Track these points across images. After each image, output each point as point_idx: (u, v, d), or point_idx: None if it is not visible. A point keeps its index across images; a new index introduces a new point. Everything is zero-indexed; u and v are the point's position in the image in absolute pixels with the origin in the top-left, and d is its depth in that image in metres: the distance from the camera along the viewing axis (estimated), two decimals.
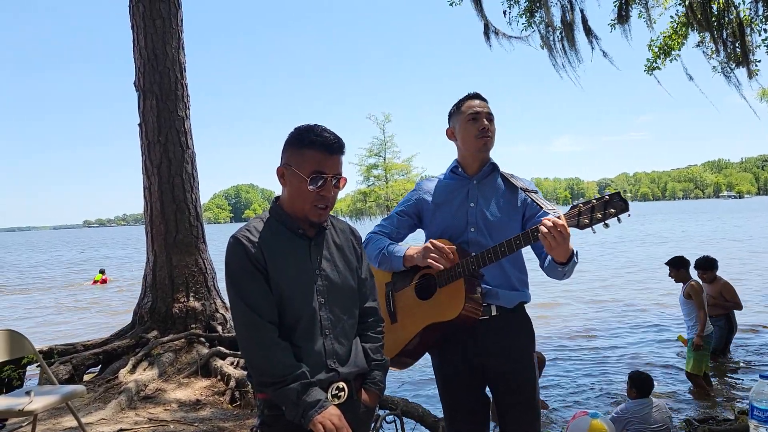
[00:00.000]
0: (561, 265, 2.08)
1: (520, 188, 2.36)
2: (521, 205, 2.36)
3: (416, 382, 6.47)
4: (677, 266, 5.91)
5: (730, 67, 8.06)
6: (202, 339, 5.96)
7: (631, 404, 4.21)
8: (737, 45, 7.74)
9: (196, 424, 4.43)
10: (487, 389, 2.42)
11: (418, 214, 2.50)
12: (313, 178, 1.75)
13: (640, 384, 4.23)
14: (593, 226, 1.93)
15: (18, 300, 16.66)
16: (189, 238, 6.36)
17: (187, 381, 5.38)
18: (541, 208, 2.21)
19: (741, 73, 7.94)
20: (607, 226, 1.92)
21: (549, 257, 2.16)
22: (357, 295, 1.96)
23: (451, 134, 2.46)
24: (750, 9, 7.53)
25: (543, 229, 1.94)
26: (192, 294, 6.26)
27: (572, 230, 1.98)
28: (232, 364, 5.61)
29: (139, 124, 6.41)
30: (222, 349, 5.78)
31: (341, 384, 1.82)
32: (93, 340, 6.29)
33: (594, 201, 1.93)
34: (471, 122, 2.35)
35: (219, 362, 5.55)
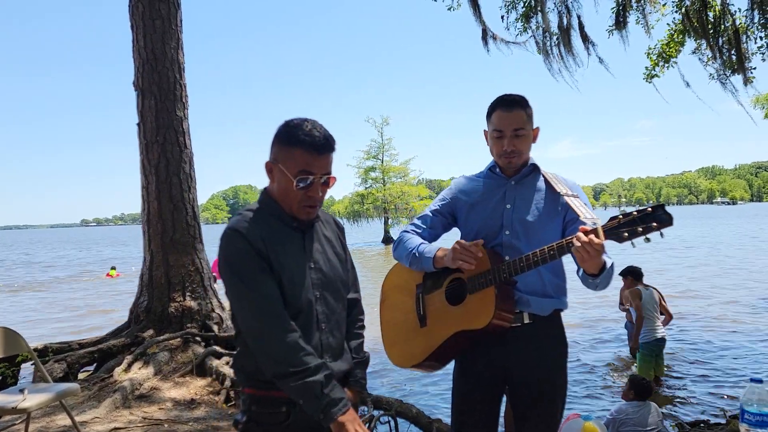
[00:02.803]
0: (592, 276, 2.00)
1: (561, 193, 2.22)
2: (562, 208, 2.24)
3: (409, 382, 6.49)
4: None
5: (726, 74, 8.10)
6: (198, 338, 5.97)
7: (626, 406, 4.24)
8: (733, 52, 7.79)
9: (190, 424, 4.44)
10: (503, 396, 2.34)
11: (453, 214, 2.41)
12: (301, 178, 1.70)
13: (641, 387, 4.26)
14: (633, 240, 1.81)
15: (29, 296, 16.73)
16: (186, 238, 6.36)
17: (182, 380, 5.38)
18: (578, 215, 2.07)
19: (737, 80, 7.99)
20: (648, 240, 1.79)
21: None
22: (347, 287, 1.95)
23: (486, 136, 2.35)
24: (746, 16, 7.58)
25: (576, 243, 1.85)
26: (188, 293, 6.26)
27: (610, 243, 1.87)
28: (227, 363, 5.61)
29: (138, 124, 6.42)
30: (218, 348, 5.79)
31: None
32: (88, 339, 6.29)
33: (635, 213, 1.81)
34: (496, 140, 2.25)
35: (214, 362, 5.55)
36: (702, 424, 4.74)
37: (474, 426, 2.24)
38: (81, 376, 5.76)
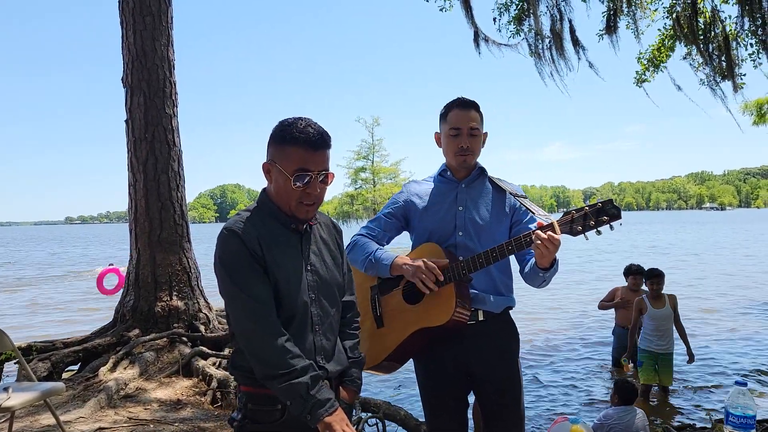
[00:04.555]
0: (543, 270, 2.08)
1: (509, 193, 2.34)
2: (509, 209, 2.36)
3: (398, 384, 6.47)
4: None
5: (716, 80, 8.17)
6: (185, 339, 5.92)
7: (613, 411, 4.24)
8: (723, 59, 7.86)
9: (176, 424, 4.40)
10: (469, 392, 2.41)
11: (406, 217, 2.47)
12: (298, 176, 1.70)
13: (625, 392, 4.26)
14: (586, 233, 1.93)
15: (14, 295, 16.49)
16: (173, 237, 6.31)
17: (168, 381, 5.34)
18: (531, 213, 2.21)
19: (726, 86, 8.07)
20: (599, 233, 1.91)
21: (531, 263, 2.17)
22: (342, 290, 1.96)
23: (438, 140, 2.43)
24: (736, 23, 7.64)
25: (536, 239, 1.94)
26: (175, 293, 6.22)
27: (564, 237, 1.98)
28: (214, 364, 5.58)
29: (126, 121, 6.37)
30: (204, 349, 5.75)
31: (324, 382, 1.81)
32: (73, 338, 6.22)
33: (587, 208, 1.93)
34: (452, 138, 2.32)
35: (201, 362, 5.51)
36: (688, 428, 4.76)
37: (448, 421, 2.33)
38: (65, 375, 5.70)
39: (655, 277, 5.70)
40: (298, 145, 1.68)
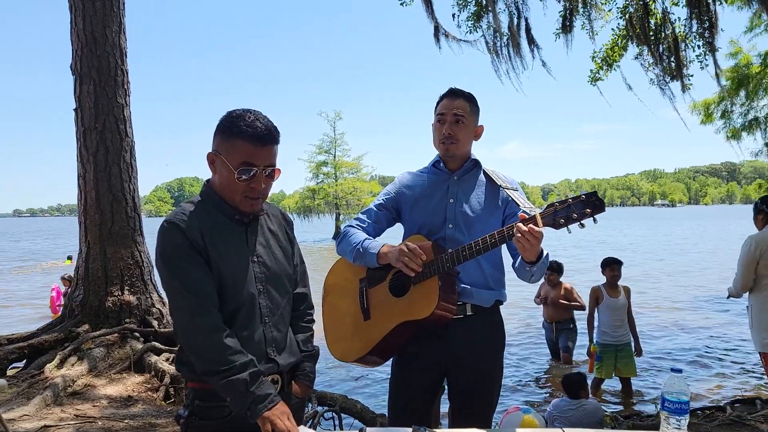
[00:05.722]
0: (530, 264, 2.05)
1: (502, 186, 2.31)
2: (502, 203, 2.32)
3: (354, 377, 6.49)
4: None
5: (665, 80, 8.42)
6: (137, 334, 5.77)
7: (563, 402, 4.34)
8: (672, 59, 8.10)
9: (126, 421, 4.29)
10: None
11: (397, 208, 2.44)
12: (243, 169, 1.67)
13: (571, 385, 4.36)
14: (569, 226, 1.88)
15: None
16: (125, 230, 6.14)
17: (119, 377, 5.20)
18: (517, 204, 2.18)
19: (675, 86, 8.32)
20: (582, 226, 1.87)
21: (520, 258, 2.13)
22: (292, 282, 1.93)
23: (433, 131, 2.39)
24: (685, 25, 7.88)
25: (516, 232, 1.90)
26: (127, 287, 6.05)
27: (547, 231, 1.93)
28: (167, 360, 5.46)
29: (75, 110, 6.15)
30: (157, 344, 5.62)
31: (275, 377, 1.79)
32: (18, 334, 5.99)
33: (570, 200, 1.88)
34: (438, 125, 2.31)
35: (153, 358, 5.40)
36: (635, 416, 4.91)
37: (410, 417, 2.26)
38: (9, 372, 5.48)
39: (614, 263, 5.76)
40: (245, 139, 1.65)
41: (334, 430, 4.33)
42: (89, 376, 5.11)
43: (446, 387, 2.39)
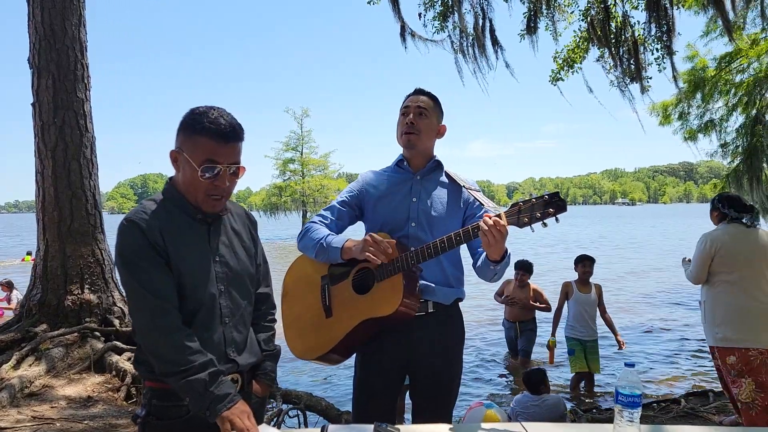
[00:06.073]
0: (494, 263, 2.08)
1: (463, 186, 2.35)
2: (463, 203, 2.36)
3: (316, 375, 6.49)
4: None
5: (625, 82, 8.63)
6: (97, 333, 5.65)
7: (526, 397, 4.43)
8: (632, 62, 8.31)
9: (86, 422, 4.21)
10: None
11: (360, 206, 2.45)
12: (206, 167, 1.65)
13: (530, 382, 4.46)
14: (532, 225, 1.92)
15: None
16: (85, 227, 6.01)
17: (78, 377, 5.09)
18: (483, 205, 2.22)
19: (635, 88, 8.53)
20: (545, 225, 1.91)
21: (482, 257, 2.16)
22: (255, 282, 1.92)
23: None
24: (644, 29, 8.09)
25: (483, 226, 1.92)
26: (87, 286, 5.92)
27: (511, 229, 1.97)
28: (129, 359, 5.37)
29: (33, 104, 5.98)
30: (118, 343, 5.51)
31: (235, 376, 1.78)
32: None
33: (534, 200, 1.91)
34: (401, 117, 2.35)
35: (115, 357, 5.30)
36: (594, 410, 5.05)
37: (373, 414, 2.27)
38: None
39: (587, 260, 5.86)
40: (209, 136, 1.63)
41: (299, 427, 4.32)
42: (47, 377, 4.99)
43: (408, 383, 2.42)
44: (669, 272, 15.90)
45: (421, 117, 2.33)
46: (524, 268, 6.60)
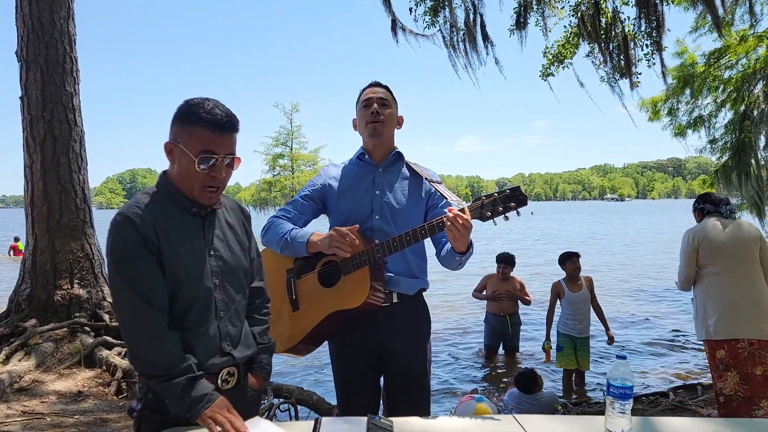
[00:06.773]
0: (460, 254, 2.13)
1: (425, 178, 2.38)
2: (425, 194, 2.40)
3: (310, 368, 6.49)
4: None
5: (615, 78, 8.66)
6: (87, 328, 5.63)
7: (517, 393, 4.45)
8: (622, 57, 8.35)
9: (76, 417, 4.20)
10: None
11: (323, 200, 2.46)
12: (203, 158, 1.64)
13: (522, 383, 4.46)
14: (494, 219, 1.98)
15: None
16: (75, 222, 5.97)
17: (68, 372, 5.07)
18: (445, 198, 2.26)
19: (624, 84, 8.57)
20: (507, 218, 1.98)
21: (447, 247, 2.21)
22: (249, 275, 1.93)
23: (355, 124, 2.47)
24: (634, 25, 8.12)
25: (447, 222, 1.97)
26: (77, 281, 5.89)
27: (476, 223, 2.02)
28: (119, 354, 5.35)
29: (21, 98, 5.92)
30: (109, 338, 5.50)
31: (231, 369, 1.78)
32: None
33: (496, 194, 1.98)
34: (364, 109, 2.38)
35: (105, 352, 5.28)
36: (584, 403, 5.09)
37: (357, 404, 2.33)
38: None
39: (574, 256, 5.74)
40: (205, 126, 1.63)
41: (290, 421, 4.33)
42: (37, 372, 4.96)
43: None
44: (659, 267, 16.06)
45: (384, 107, 2.37)
46: (506, 260, 6.60)
